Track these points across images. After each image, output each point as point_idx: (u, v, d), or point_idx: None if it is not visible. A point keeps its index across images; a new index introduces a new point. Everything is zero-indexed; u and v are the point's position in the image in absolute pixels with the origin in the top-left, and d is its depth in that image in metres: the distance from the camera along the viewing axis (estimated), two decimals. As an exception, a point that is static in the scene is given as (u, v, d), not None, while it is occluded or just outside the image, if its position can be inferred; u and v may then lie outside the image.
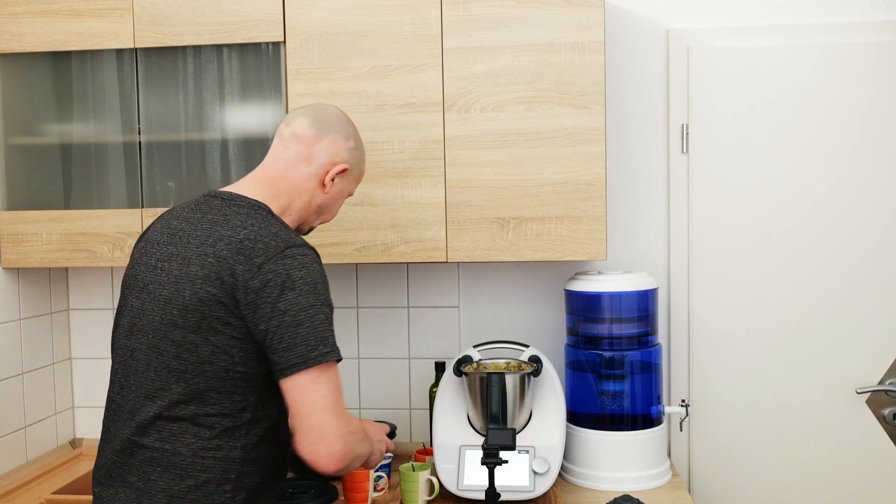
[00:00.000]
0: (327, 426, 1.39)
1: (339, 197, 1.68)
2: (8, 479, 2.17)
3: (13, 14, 2.17)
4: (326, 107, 1.67)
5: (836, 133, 2.31)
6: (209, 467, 1.45)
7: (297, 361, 1.39)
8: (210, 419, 1.45)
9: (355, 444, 1.44)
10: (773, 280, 2.35)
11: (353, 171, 1.68)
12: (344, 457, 1.41)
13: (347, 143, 1.65)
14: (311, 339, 1.40)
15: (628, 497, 1.86)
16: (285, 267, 1.42)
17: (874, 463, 2.33)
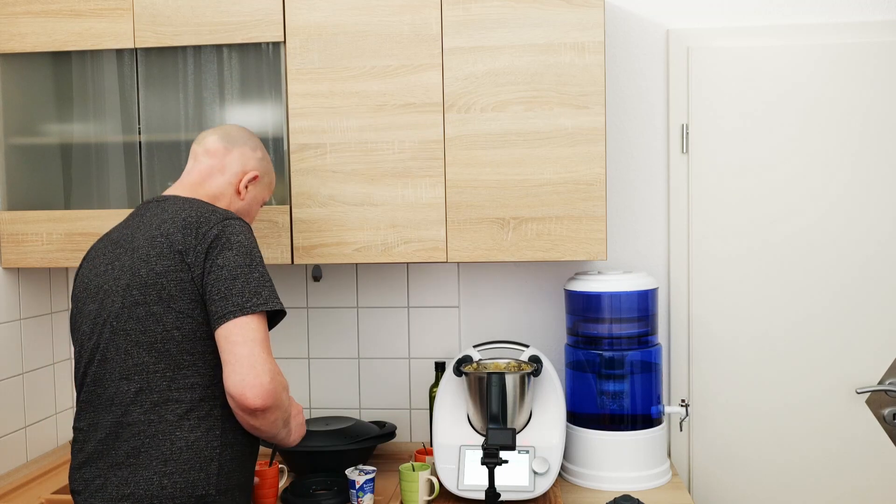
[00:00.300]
0: (257, 356, 1.48)
1: (254, 203, 1.84)
2: (8, 479, 2.17)
3: (13, 14, 2.17)
4: (232, 125, 1.86)
5: (836, 133, 2.31)
6: (195, 426, 1.54)
7: (233, 309, 1.50)
8: (188, 390, 1.54)
9: (280, 388, 1.52)
10: (774, 279, 2.35)
11: (264, 179, 1.86)
12: (271, 392, 1.48)
13: (255, 153, 1.82)
14: (246, 292, 1.52)
15: (628, 497, 1.86)
16: (225, 232, 1.57)
17: (874, 463, 2.33)
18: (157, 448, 1.52)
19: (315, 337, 2.53)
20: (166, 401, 1.53)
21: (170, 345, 1.53)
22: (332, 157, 2.10)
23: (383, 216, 2.10)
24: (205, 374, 1.55)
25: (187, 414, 1.53)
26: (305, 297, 2.53)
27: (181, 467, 1.52)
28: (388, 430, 2.25)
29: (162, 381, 1.53)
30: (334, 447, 2.11)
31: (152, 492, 1.50)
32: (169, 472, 1.51)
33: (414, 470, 1.97)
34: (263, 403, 1.47)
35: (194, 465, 1.52)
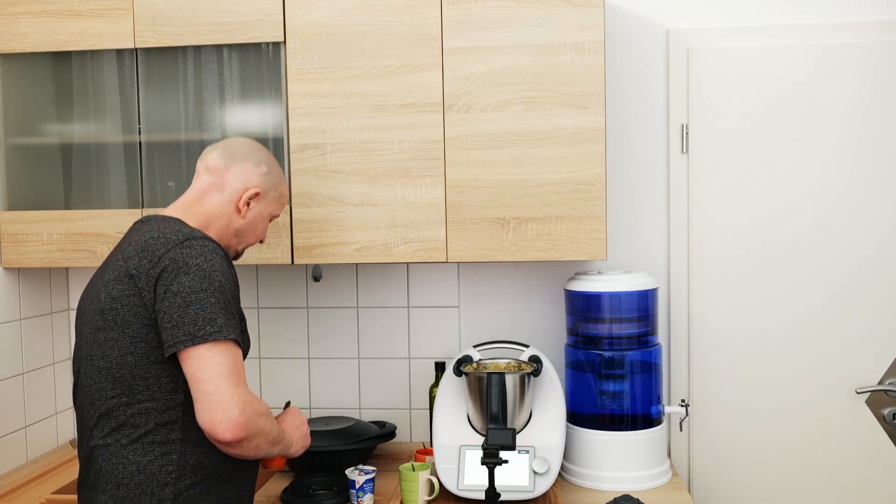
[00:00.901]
0: (222, 391, 1.44)
1: (259, 220, 1.77)
2: (8, 479, 2.17)
3: (13, 14, 2.17)
4: (238, 139, 1.79)
5: (836, 133, 2.31)
6: (148, 451, 1.51)
7: (184, 338, 1.46)
8: (142, 416, 1.51)
9: (255, 416, 1.48)
10: (774, 279, 2.35)
11: (270, 194, 1.78)
12: (243, 425, 1.44)
13: (258, 168, 1.75)
14: (199, 320, 1.47)
15: (628, 497, 1.86)
16: (183, 255, 1.51)
17: (874, 463, 2.33)
18: (112, 472, 1.51)
19: (315, 337, 2.53)
20: (122, 425, 1.51)
21: (124, 370, 1.51)
22: (332, 157, 2.10)
23: (383, 216, 2.10)
24: (159, 399, 1.51)
25: (141, 438, 1.51)
26: (305, 297, 2.53)
27: (132, 493, 1.50)
28: (388, 430, 2.25)
29: (118, 406, 1.51)
30: (334, 447, 2.11)
31: None
32: (121, 497, 1.50)
33: (414, 470, 1.97)
34: (234, 437, 1.45)
35: (145, 490, 1.50)
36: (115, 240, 2.17)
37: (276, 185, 1.79)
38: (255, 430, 1.48)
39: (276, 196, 1.81)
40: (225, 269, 1.55)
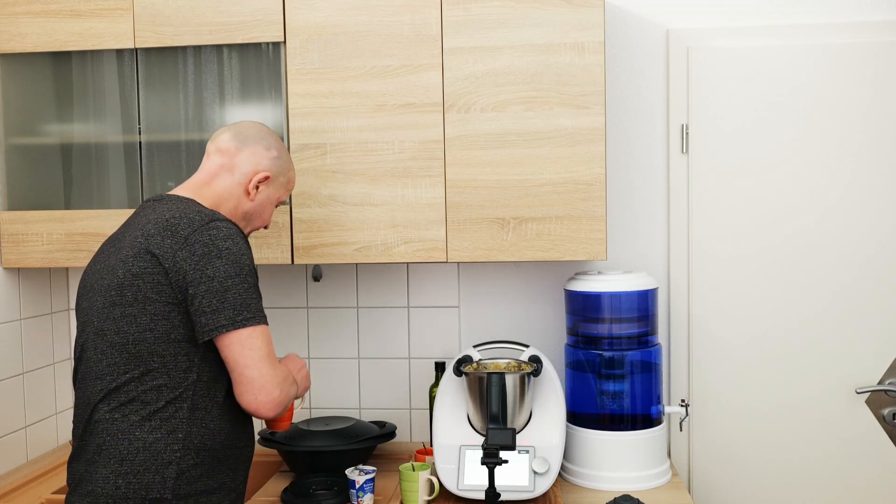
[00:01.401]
0: (266, 376, 1.54)
1: (266, 204, 1.78)
2: (8, 479, 2.17)
3: (13, 14, 2.17)
4: (249, 122, 1.80)
5: (836, 133, 2.31)
6: (156, 428, 1.52)
7: (225, 323, 1.51)
8: (154, 392, 1.53)
9: (289, 388, 1.60)
10: (774, 279, 2.35)
11: (279, 179, 1.79)
12: (282, 401, 1.57)
13: (269, 153, 1.76)
14: (238, 305, 1.52)
15: (628, 497, 1.86)
16: (211, 237, 1.54)
17: (874, 463, 2.33)
18: (116, 447, 1.52)
19: (315, 337, 2.53)
20: (131, 400, 1.52)
21: (141, 347, 1.52)
22: (333, 157, 2.10)
23: (383, 216, 2.10)
24: (174, 376, 1.53)
25: (150, 416, 1.52)
26: (305, 297, 2.53)
27: (136, 468, 1.51)
28: (388, 430, 2.25)
29: (130, 381, 1.52)
30: (334, 447, 2.11)
31: (108, 491, 1.51)
32: (124, 473, 1.51)
33: (414, 470, 1.97)
34: (276, 412, 1.57)
35: (149, 467, 1.51)
36: (115, 240, 2.17)
37: (284, 170, 1.81)
38: (289, 399, 1.60)
39: (285, 181, 1.82)
40: (249, 253, 1.60)
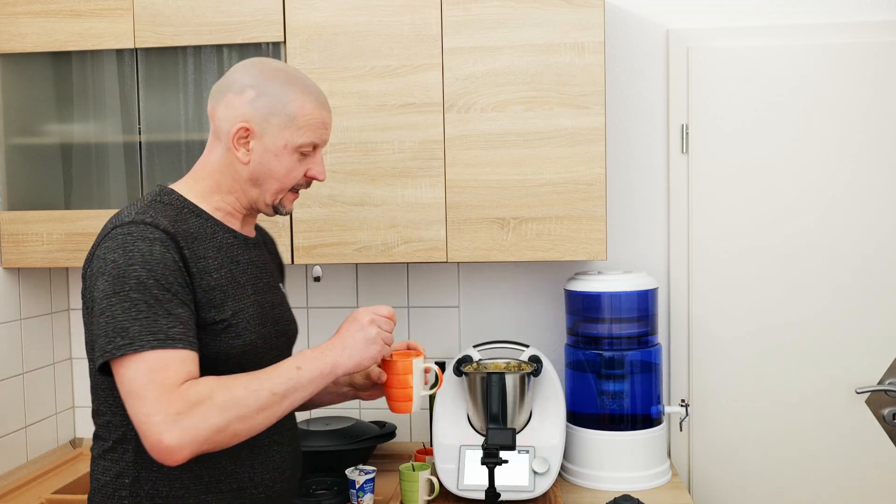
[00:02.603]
0: (138, 414, 1.22)
1: (272, 159, 1.43)
2: (8, 479, 2.17)
3: (13, 14, 2.17)
4: (234, 66, 1.50)
5: (836, 133, 2.31)
6: (107, 469, 1.38)
7: (100, 355, 1.26)
8: (105, 428, 1.39)
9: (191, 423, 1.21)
10: (774, 279, 2.35)
11: (271, 121, 1.41)
12: (176, 443, 1.20)
13: (242, 96, 1.41)
14: (109, 332, 1.25)
15: (628, 497, 1.86)
16: (104, 250, 1.31)
17: (874, 463, 2.33)
18: (91, 479, 1.44)
19: (315, 337, 2.52)
20: (95, 436, 1.42)
21: (91, 378, 1.40)
22: (332, 157, 2.10)
23: (383, 216, 2.10)
24: (116, 412, 1.35)
25: (103, 455, 1.39)
26: (305, 297, 2.52)
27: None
28: (388, 430, 2.25)
29: (93, 413, 1.42)
30: (334, 447, 2.11)
31: None
32: None
33: (414, 470, 1.97)
34: (177, 457, 1.22)
35: None
36: (115, 240, 2.17)
37: (274, 108, 1.41)
38: (196, 434, 1.22)
39: (284, 120, 1.42)
40: (150, 258, 1.29)
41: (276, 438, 1.46)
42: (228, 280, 1.42)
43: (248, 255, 1.51)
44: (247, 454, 1.40)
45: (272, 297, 1.53)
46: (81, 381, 2.55)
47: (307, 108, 1.44)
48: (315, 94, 1.46)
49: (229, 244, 1.46)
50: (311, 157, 1.48)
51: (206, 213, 1.46)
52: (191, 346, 1.29)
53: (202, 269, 1.37)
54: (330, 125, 1.49)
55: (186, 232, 1.38)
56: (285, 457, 1.48)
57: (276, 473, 1.45)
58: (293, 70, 1.48)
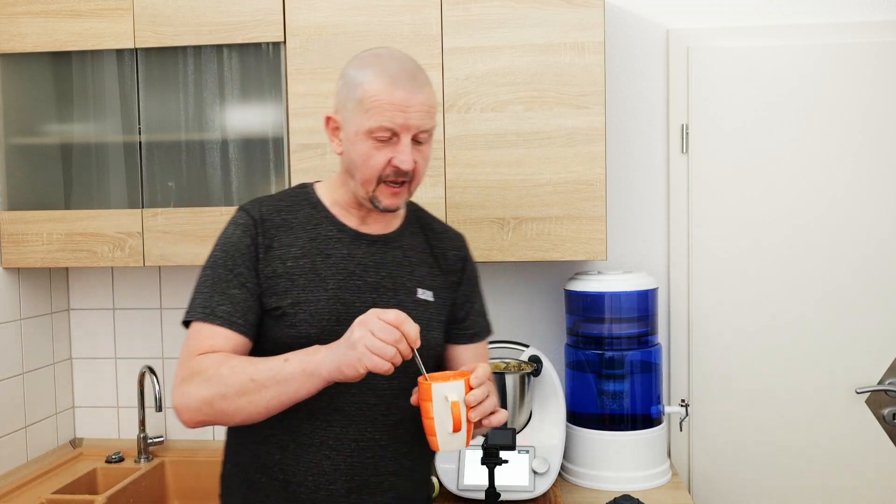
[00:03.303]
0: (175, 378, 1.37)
1: (351, 145, 1.41)
2: (8, 479, 2.17)
3: (13, 14, 2.17)
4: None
5: (836, 133, 2.31)
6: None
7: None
8: None
9: (187, 389, 1.31)
10: (773, 280, 2.35)
11: (347, 107, 1.40)
12: (178, 406, 1.32)
13: (336, 87, 1.45)
14: (190, 298, 1.43)
15: (628, 497, 1.86)
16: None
17: (874, 463, 2.33)
18: None
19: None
20: None
21: None
22: (332, 157, 2.10)
23: (383, 216, 2.10)
24: None
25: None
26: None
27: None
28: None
29: None
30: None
31: None
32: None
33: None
34: (180, 419, 1.33)
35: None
36: (115, 240, 2.17)
37: (349, 94, 1.39)
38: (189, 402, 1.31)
39: (355, 105, 1.38)
40: (228, 240, 1.42)
41: (330, 444, 1.42)
42: (305, 271, 1.42)
43: (351, 251, 1.46)
44: (293, 449, 1.42)
45: (372, 298, 1.44)
46: (81, 381, 2.55)
47: (373, 89, 1.36)
48: (391, 74, 1.36)
49: (327, 237, 1.47)
50: (394, 143, 1.38)
51: (322, 205, 1.50)
52: (230, 326, 1.37)
53: (277, 256, 1.42)
54: (411, 106, 1.36)
55: (284, 221, 1.46)
56: (337, 468, 1.42)
57: (320, 479, 1.42)
58: (385, 51, 1.42)
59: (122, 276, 2.52)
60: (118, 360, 2.53)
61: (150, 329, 2.51)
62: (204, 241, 2.14)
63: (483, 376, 1.28)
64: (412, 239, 1.55)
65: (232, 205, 2.15)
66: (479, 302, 1.64)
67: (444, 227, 1.64)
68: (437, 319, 1.52)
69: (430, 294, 1.51)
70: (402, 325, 1.23)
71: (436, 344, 1.51)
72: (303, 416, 1.41)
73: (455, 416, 1.25)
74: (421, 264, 1.53)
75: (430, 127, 1.41)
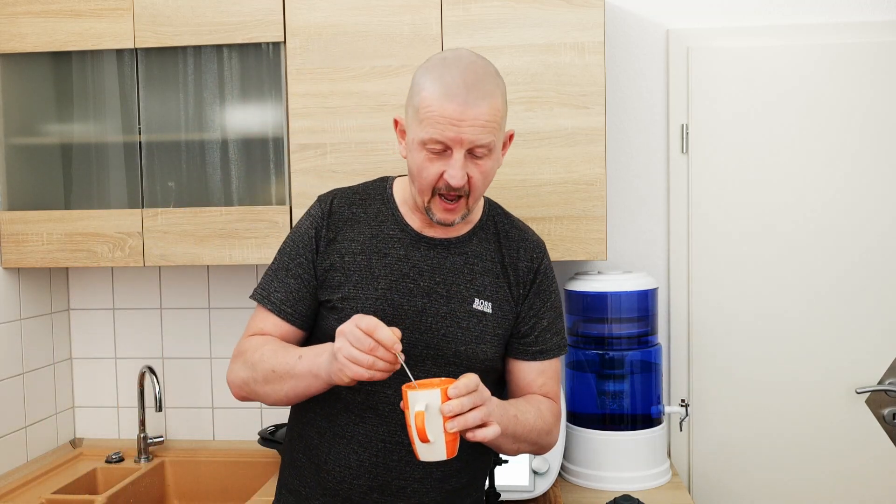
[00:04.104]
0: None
1: (409, 152, 1.40)
2: (8, 479, 2.17)
3: (13, 14, 2.17)
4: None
5: (836, 133, 2.31)
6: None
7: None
8: None
9: (233, 367, 1.45)
10: (773, 280, 2.35)
11: (408, 113, 1.39)
12: (228, 380, 1.46)
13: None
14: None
15: (628, 497, 1.86)
16: None
17: (873, 463, 2.33)
18: None
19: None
20: None
21: None
22: (332, 157, 2.10)
23: (383, 216, 2.10)
24: None
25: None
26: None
27: None
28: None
29: None
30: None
31: None
32: None
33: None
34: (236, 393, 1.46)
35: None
36: (115, 240, 2.17)
37: (410, 100, 1.38)
38: (233, 378, 1.44)
39: (412, 112, 1.36)
40: (298, 228, 1.50)
41: (360, 440, 1.43)
42: (360, 267, 1.43)
43: (409, 252, 1.45)
44: (329, 437, 1.46)
45: (422, 303, 1.43)
46: (81, 381, 2.55)
47: (428, 99, 1.32)
48: (447, 84, 1.31)
49: (389, 236, 1.46)
50: (447, 157, 1.34)
51: (393, 201, 1.50)
52: (279, 314, 1.45)
53: (337, 249, 1.45)
54: (464, 120, 1.30)
55: (353, 214, 1.48)
56: (363, 464, 1.43)
57: (346, 472, 1.44)
58: (452, 56, 1.36)
59: (122, 276, 2.52)
60: (118, 360, 2.53)
61: (150, 329, 2.51)
62: (204, 241, 2.14)
63: (465, 387, 1.21)
64: (481, 245, 1.50)
65: (232, 205, 2.15)
66: (552, 318, 1.52)
67: (524, 234, 1.55)
68: (493, 332, 1.46)
69: (489, 305, 1.46)
70: (375, 332, 1.20)
71: (485, 358, 1.45)
72: (340, 408, 1.45)
73: (418, 426, 1.20)
74: (485, 273, 1.48)
75: (486, 142, 1.33)
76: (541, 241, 1.57)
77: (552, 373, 1.52)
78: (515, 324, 1.50)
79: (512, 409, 1.37)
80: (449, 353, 1.43)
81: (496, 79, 1.36)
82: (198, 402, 2.51)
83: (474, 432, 1.23)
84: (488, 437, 1.23)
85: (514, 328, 1.50)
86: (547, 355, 1.51)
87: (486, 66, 1.36)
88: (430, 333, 1.42)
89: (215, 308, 2.49)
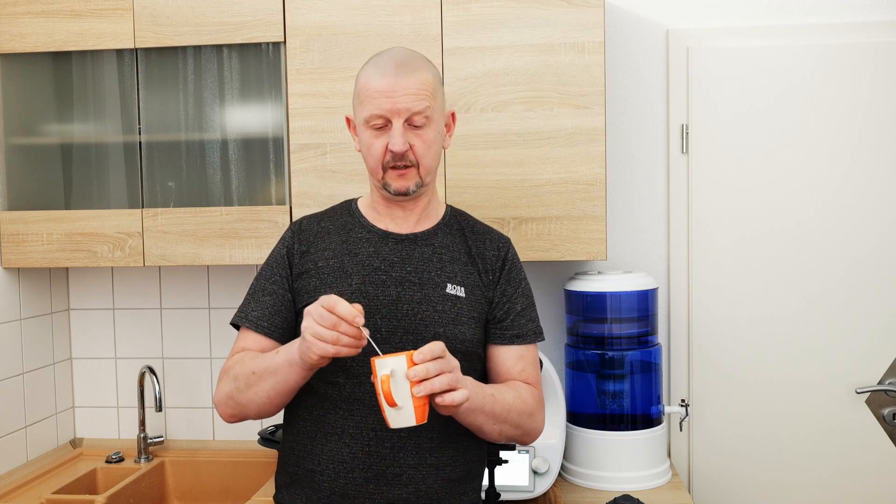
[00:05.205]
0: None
1: (360, 137, 1.51)
2: (8, 479, 2.17)
3: (13, 14, 2.17)
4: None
5: (836, 133, 2.31)
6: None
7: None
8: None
9: (219, 387, 1.49)
10: (773, 280, 2.35)
11: (354, 104, 1.52)
12: (214, 400, 1.50)
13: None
14: None
15: (628, 497, 1.86)
16: None
17: (873, 463, 2.33)
18: None
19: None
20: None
21: None
22: (332, 157, 2.10)
23: (383, 216, 2.10)
24: None
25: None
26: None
27: None
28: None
29: None
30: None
31: None
32: None
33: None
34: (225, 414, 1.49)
35: None
36: (115, 240, 2.17)
37: (354, 93, 1.51)
38: (219, 396, 1.48)
39: (355, 100, 1.50)
40: (273, 251, 1.58)
41: (350, 433, 1.46)
42: (333, 270, 1.51)
43: (377, 248, 1.53)
44: (319, 438, 1.48)
45: (396, 292, 1.48)
46: (81, 381, 2.55)
47: (363, 80, 1.47)
48: (380, 66, 1.45)
49: (358, 238, 1.55)
50: (388, 130, 1.45)
51: (357, 210, 1.60)
52: (256, 328, 1.51)
53: (311, 259, 1.53)
54: (396, 91, 1.42)
55: (323, 228, 1.57)
56: (356, 456, 1.45)
57: (340, 467, 1.46)
58: (387, 49, 1.52)
59: (122, 276, 2.52)
60: (118, 360, 2.53)
61: (150, 329, 2.52)
62: (204, 241, 2.14)
63: (430, 352, 1.26)
64: (447, 238, 1.58)
65: (232, 205, 2.15)
66: (525, 304, 1.59)
67: (488, 229, 1.64)
68: (469, 315, 1.51)
69: (462, 290, 1.52)
70: (335, 307, 1.26)
71: (464, 339, 1.49)
72: (328, 407, 1.48)
73: (385, 391, 1.24)
74: (454, 262, 1.55)
75: (420, 108, 1.43)
76: (505, 236, 1.65)
77: (530, 359, 1.57)
78: (490, 309, 1.55)
79: (489, 389, 1.43)
80: (428, 336, 1.46)
81: (426, 62, 1.50)
82: (198, 402, 2.51)
83: (443, 397, 1.26)
84: (456, 401, 1.27)
85: (490, 313, 1.55)
86: (524, 340, 1.56)
87: (416, 53, 1.51)
88: (407, 319, 1.47)
89: (215, 308, 2.49)
